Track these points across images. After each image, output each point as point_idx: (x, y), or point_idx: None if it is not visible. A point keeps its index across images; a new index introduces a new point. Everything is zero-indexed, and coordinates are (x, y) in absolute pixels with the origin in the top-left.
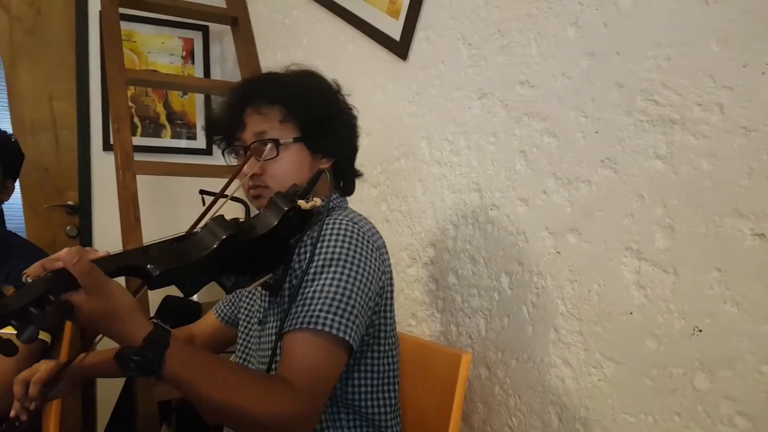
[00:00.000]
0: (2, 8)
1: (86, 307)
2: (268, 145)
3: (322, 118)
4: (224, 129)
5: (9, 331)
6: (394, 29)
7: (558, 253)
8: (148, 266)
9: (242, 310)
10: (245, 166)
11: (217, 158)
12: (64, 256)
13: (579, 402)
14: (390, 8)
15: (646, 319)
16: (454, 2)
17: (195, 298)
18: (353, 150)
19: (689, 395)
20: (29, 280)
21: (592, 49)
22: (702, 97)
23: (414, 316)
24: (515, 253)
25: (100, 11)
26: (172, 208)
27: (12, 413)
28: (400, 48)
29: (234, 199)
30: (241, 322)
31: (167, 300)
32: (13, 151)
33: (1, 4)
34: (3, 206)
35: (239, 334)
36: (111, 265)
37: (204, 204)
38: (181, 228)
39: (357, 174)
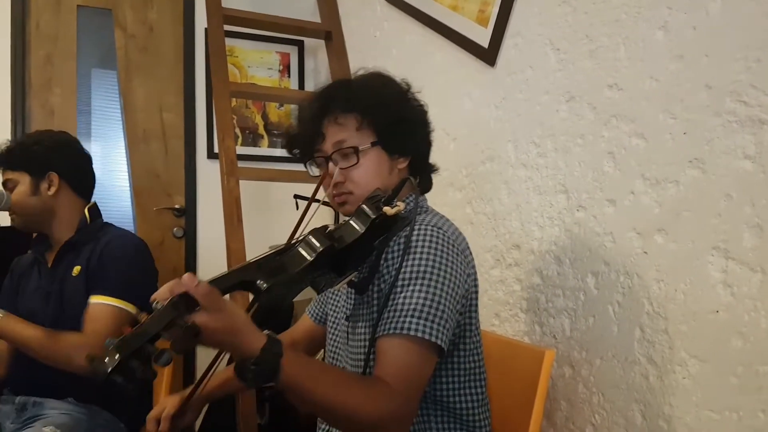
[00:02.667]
0: (119, 27)
1: (209, 326)
2: (349, 153)
3: (395, 119)
4: (304, 142)
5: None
6: (482, 37)
7: (645, 253)
8: (258, 282)
9: (330, 306)
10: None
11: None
12: (186, 281)
13: (663, 399)
14: (479, 17)
15: (732, 318)
16: (543, 9)
17: None
18: (427, 146)
19: None
20: (158, 305)
21: (681, 52)
22: None
23: (497, 316)
24: (602, 253)
25: (205, 29)
26: (266, 211)
27: None
28: (488, 55)
29: (326, 204)
30: (329, 317)
31: None
32: (30, 149)
33: (118, 24)
34: (116, 209)
35: (328, 329)
36: (225, 283)
37: (297, 207)
38: (275, 228)
39: (432, 169)
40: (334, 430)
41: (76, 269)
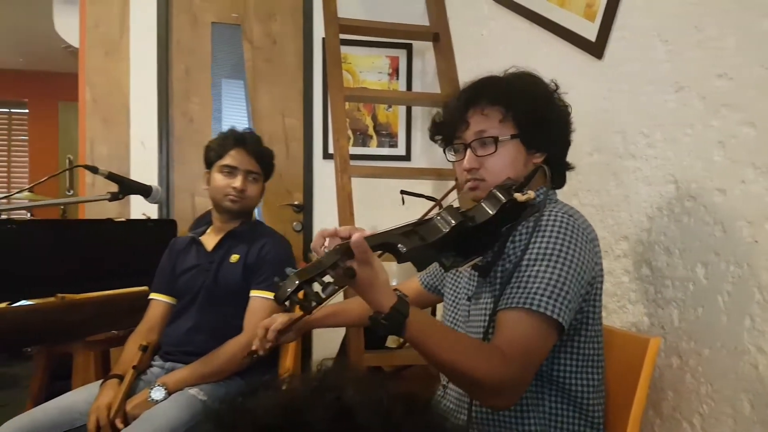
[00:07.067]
0: (247, 41)
1: (358, 275)
2: (488, 142)
3: (537, 117)
4: (448, 129)
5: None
6: (590, 31)
7: (756, 242)
8: (398, 245)
9: (447, 284)
10: (466, 161)
11: (415, 162)
12: (347, 233)
13: None
14: (587, 12)
15: None
16: (650, 2)
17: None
18: (565, 145)
19: None
20: (326, 250)
21: None
22: None
23: (605, 308)
24: (712, 243)
25: (323, 38)
26: (373, 207)
27: (253, 347)
28: (595, 48)
29: (423, 196)
30: (446, 296)
31: None
32: (272, 161)
33: (246, 37)
34: None
35: (445, 307)
36: (373, 241)
37: (403, 202)
38: (382, 222)
39: (568, 167)
40: (451, 386)
41: (234, 257)
